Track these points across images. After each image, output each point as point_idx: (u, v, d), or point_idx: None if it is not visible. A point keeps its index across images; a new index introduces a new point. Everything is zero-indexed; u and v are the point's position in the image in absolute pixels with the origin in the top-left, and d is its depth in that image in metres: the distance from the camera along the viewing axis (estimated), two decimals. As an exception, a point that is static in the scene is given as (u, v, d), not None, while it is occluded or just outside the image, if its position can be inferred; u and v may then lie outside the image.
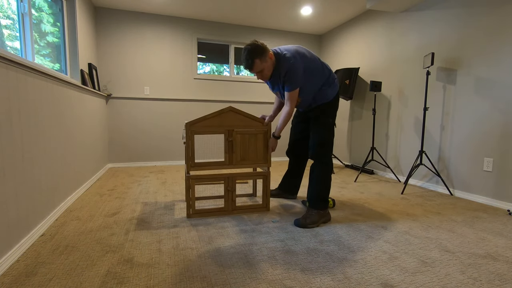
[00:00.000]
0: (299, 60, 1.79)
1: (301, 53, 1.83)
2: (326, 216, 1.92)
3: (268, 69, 1.87)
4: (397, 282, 1.23)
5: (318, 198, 1.90)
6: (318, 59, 1.91)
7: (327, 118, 1.94)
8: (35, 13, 2.18)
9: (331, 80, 1.94)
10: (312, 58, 1.87)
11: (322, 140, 1.92)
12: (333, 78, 1.95)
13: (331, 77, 1.95)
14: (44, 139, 1.81)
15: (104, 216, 1.99)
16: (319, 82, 1.90)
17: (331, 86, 1.93)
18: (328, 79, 1.93)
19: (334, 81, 1.96)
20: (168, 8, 3.78)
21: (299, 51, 1.83)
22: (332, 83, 1.94)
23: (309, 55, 1.87)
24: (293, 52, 1.81)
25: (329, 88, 1.93)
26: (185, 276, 1.26)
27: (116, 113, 3.95)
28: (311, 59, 1.86)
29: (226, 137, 2.01)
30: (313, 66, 1.87)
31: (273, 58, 1.84)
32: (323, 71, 1.91)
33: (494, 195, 2.39)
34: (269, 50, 1.83)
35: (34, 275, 1.25)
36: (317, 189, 1.91)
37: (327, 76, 1.93)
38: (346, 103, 4.28)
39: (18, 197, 1.46)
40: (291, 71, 1.78)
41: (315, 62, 1.88)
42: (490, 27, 2.40)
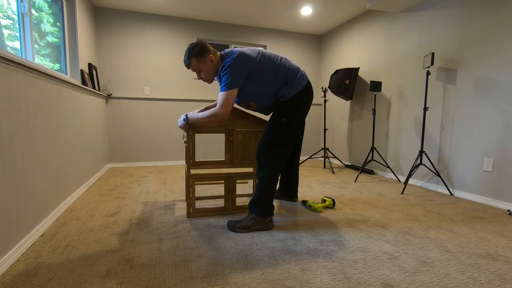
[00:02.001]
0: (241, 59, 1.67)
1: (246, 55, 1.69)
2: (265, 224, 1.77)
3: (207, 71, 1.79)
4: (397, 282, 1.23)
5: (256, 203, 1.76)
6: (274, 61, 1.76)
7: (280, 117, 1.76)
8: (35, 13, 2.18)
9: (296, 82, 1.78)
10: (263, 61, 1.73)
11: (265, 141, 1.76)
12: (298, 80, 1.78)
13: (296, 80, 1.78)
14: (44, 139, 1.81)
15: (104, 216, 1.99)
16: (275, 85, 1.76)
17: (293, 87, 1.77)
18: (289, 81, 1.77)
19: (298, 83, 1.78)
20: (168, 8, 3.78)
21: (244, 52, 1.70)
22: (295, 84, 1.78)
23: (259, 57, 1.73)
24: (237, 52, 1.70)
25: (289, 89, 1.77)
26: (185, 276, 1.26)
27: (116, 113, 3.95)
28: (261, 62, 1.72)
29: (226, 137, 2.01)
30: (263, 69, 1.73)
31: (214, 61, 1.76)
32: (279, 73, 1.75)
33: (494, 195, 2.39)
34: (210, 53, 1.76)
35: (34, 275, 1.25)
36: (257, 194, 1.77)
37: (288, 78, 1.77)
38: (346, 103, 4.28)
39: (18, 197, 1.46)
40: (227, 66, 1.66)
41: (266, 64, 1.73)
42: (490, 27, 2.40)
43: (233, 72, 1.66)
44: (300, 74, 1.83)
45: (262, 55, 1.76)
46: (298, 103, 1.79)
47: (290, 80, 1.78)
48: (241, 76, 1.68)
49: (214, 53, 1.79)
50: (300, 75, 1.82)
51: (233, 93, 1.69)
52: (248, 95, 1.79)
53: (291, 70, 1.80)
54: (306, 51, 4.84)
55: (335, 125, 4.56)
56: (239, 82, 1.68)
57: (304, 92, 1.80)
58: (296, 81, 1.79)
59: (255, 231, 1.76)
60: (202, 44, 1.75)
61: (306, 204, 2.24)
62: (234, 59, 1.66)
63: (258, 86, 1.76)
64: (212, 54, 1.77)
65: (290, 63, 1.84)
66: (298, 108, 1.79)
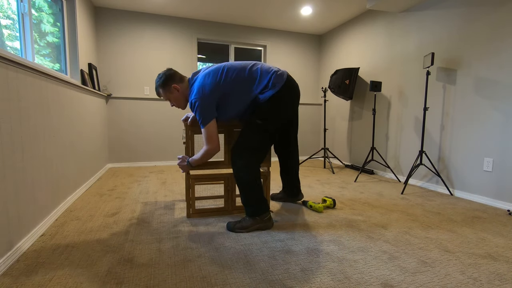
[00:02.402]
0: (203, 94, 1.66)
1: (207, 86, 1.67)
2: (263, 223, 1.77)
3: (175, 100, 1.82)
4: (397, 282, 1.23)
5: (246, 205, 1.76)
6: (242, 74, 1.71)
7: (254, 118, 1.72)
8: (35, 13, 2.18)
9: (269, 87, 1.71)
10: (230, 80, 1.69)
11: (239, 143, 1.73)
12: (272, 83, 1.71)
13: (270, 84, 1.71)
14: (44, 139, 1.81)
15: (104, 216, 1.99)
16: (249, 96, 1.72)
17: (268, 91, 1.71)
18: (263, 88, 1.71)
19: (273, 85, 1.71)
20: (168, 8, 3.78)
21: (205, 83, 1.68)
22: (269, 88, 1.71)
23: (223, 77, 1.69)
24: (197, 85, 1.69)
25: (265, 93, 1.71)
26: (185, 276, 1.26)
27: (116, 113, 3.95)
28: (226, 83, 1.69)
29: (226, 137, 2.01)
30: (232, 88, 1.70)
31: (180, 89, 1.78)
32: (251, 83, 1.71)
33: (494, 195, 2.39)
34: (174, 82, 1.77)
35: (34, 275, 1.25)
36: (241, 196, 1.77)
37: (262, 85, 1.71)
38: (346, 103, 4.28)
39: (18, 197, 1.46)
40: (193, 105, 1.68)
41: (234, 81, 1.70)
42: (490, 27, 2.40)
43: (201, 108, 1.66)
44: (275, 76, 1.73)
45: (227, 73, 1.71)
46: (274, 106, 1.71)
47: (264, 86, 1.72)
48: (210, 108, 1.67)
49: (180, 80, 1.80)
50: (274, 77, 1.72)
51: (212, 126, 1.70)
52: (227, 116, 1.78)
53: (264, 76, 1.73)
54: (306, 51, 4.84)
55: (335, 125, 4.56)
56: (212, 113, 1.69)
57: (280, 95, 1.71)
58: (270, 85, 1.71)
59: (255, 231, 1.76)
60: (166, 75, 1.78)
61: (306, 204, 2.24)
62: (197, 97, 1.66)
63: (233, 106, 1.74)
64: (177, 82, 1.79)
65: (261, 68, 1.76)
66: (275, 110, 1.72)
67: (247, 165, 1.71)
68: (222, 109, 1.75)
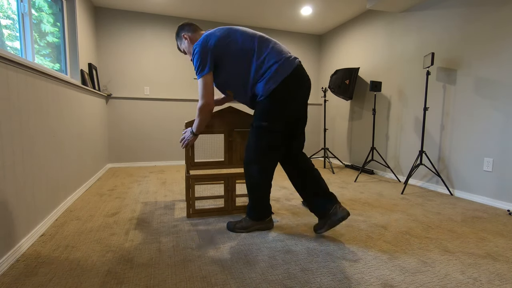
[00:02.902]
0: (205, 42, 1.55)
1: (211, 36, 1.56)
2: (264, 224, 1.74)
3: (187, 50, 1.75)
4: (397, 282, 1.23)
5: (251, 208, 1.72)
6: (248, 43, 1.55)
7: (258, 121, 1.58)
8: (35, 13, 2.18)
9: (272, 74, 1.50)
10: (234, 42, 1.55)
11: (247, 147, 1.66)
12: (278, 71, 1.50)
13: (274, 70, 1.50)
14: (44, 139, 1.81)
15: (104, 216, 1.99)
16: (249, 74, 1.55)
17: (269, 81, 1.51)
18: (265, 73, 1.52)
19: (277, 74, 1.50)
20: (168, 8, 3.78)
21: (210, 33, 1.58)
22: (272, 77, 1.51)
23: (230, 37, 1.55)
24: (205, 34, 1.60)
25: (266, 84, 1.52)
26: (185, 276, 1.26)
27: (116, 113, 3.95)
28: (230, 43, 1.55)
29: (226, 137, 2.01)
30: (232, 51, 1.54)
31: (188, 39, 1.70)
32: (253, 58, 1.53)
33: (494, 195, 2.39)
34: (184, 31, 1.70)
35: (34, 275, 1.25)
36: (249, 199, 1.72)
37: (265, 68, 1.52)
38: (346, 103, 4.28)
39: (18, 197, 1.46)
40: (193, 50, 1.57)
41: (238, 46, 1.55)
42: (490, 27, 2.40)
43: (200, 56, 1.54)
44: (282, 61, 1.51)
45: (235, 34, 1.56)
46: (277, 103, 1.52)
47: (267, 70, 1.52)
48: (206, 59, 1.54)
49: (192, 31, 1.71)
50: (281, 63, 1.51)
51: (207, 79, 1.57)
52: (222, 81, 1.63)
53: (271, 56, 1.53)
54: (306, 51, 4.84)
55: (335, 125, 4.56)
56: (208, 67, 1.55)
57: (284, 87, 1.50)
58: (274, 72, 1.50)
59: (255, 231, 1.76)
60: (179, 26, 1.74)
61: (306, 204, 2.24)
62: (199, 43, 1.55)
63: (229, 72, 1.57)
64: (187, 32, 1.71)
65: (273, 47, 1.56)
66: (278, 109, 1.53)
67: (260, 169, 1.62)
68: (218, 68, 1.60)
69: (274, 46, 1.57)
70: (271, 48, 1.55)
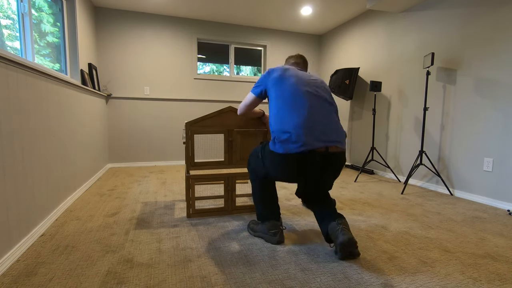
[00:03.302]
0: (270, 72, 1.60)
1: (272, 69, 1.61)
2: (268, 235, 1.61)
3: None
4: (397, 282, 1.23)
5: (254, 204, 1.73)
6: (287, 90, 1.47)
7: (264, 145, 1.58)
8: (35, 13, 2.18)
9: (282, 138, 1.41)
10: (280, 83, 1.51)
11: (253, 152, 1.70)
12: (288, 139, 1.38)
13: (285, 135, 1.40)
14: (44, 139, 1.81)
15: (104, 216, 1.99)
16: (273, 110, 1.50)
17: (275, 142, 1.45)
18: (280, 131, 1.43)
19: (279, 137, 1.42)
20: (168, 8, 3.78)
21: (277, 67, 1.62)
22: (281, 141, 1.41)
23: (282, 77, 1.52)
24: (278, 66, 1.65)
25: (272, 134, 1.48)
26: (185, 276, 1.26)
27: (116, 113, 3.95)
28: (275, 83, 1.53)
29: (226, 137, 2.01)
30: (273, 91, 1.53)
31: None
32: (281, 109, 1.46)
33: (494, 195, 2.39)
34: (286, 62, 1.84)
35: (34, 275, 1.25)
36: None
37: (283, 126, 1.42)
38: (346, 103, 4.28)
39: (18, 197, 1.46)
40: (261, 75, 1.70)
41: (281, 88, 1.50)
42: (490, 27, 2.40)
43: (258, 81, 1.66)
44: (299, 133, 1.36)
45: (288, 77, 1.51)
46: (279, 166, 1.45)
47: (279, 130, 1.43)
48: (259, 85, 1.64)
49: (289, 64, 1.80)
50: (297, 134, 1.36)
51: (250, 97, 1.70)
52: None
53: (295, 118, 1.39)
54: (306, 51, 4.84)
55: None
56: (256, 90, 1.65)
57: (284, 159, 1.41)
58: (284, 140, 1.40)
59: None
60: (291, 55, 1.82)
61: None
62: (268, 70, 1.65)
63: (270, 106, 1.56)
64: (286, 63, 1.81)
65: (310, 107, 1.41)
66: (274, 165, 1.47)
67: (252, 179, 1.70)
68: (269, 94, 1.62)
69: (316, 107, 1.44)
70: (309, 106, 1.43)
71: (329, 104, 1.48)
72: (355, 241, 1.37)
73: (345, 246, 1.36)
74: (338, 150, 1.43)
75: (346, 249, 1.36)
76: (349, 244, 1.36)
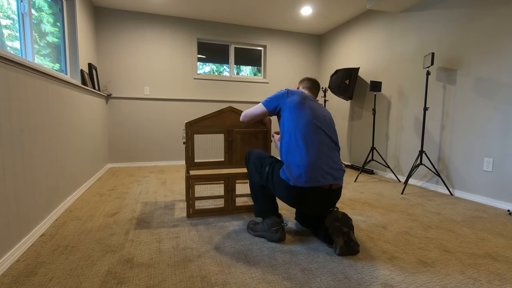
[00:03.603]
0: (282, 92, 1.66)
1: (289, 93, 1.65)
2: (269, 233, 1.64)
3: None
4: (397, 282, 1.23)
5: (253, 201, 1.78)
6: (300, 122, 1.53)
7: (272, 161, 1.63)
8: (35, 13, 2.18)
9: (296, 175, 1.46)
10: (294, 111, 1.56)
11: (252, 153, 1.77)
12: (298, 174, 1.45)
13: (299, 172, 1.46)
14: (44, 139, 1.81)
15: (104, 216, 1.99)
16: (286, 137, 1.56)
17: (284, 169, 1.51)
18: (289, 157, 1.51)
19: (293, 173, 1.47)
20: (168, 8, 3.78)
21: (294, 91, 1.67)
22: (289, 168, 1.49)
23: (298, 105, 1.57)
24: (297, 89, 1.73)
25: (285, 168, 1.51)
26: (185, 276, 1.26)
27: (116, 113, 3.95)
28: (291, 109, 1.58)
29: (226, 137, 2.01)
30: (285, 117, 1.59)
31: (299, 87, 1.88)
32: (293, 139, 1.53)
33: (494, 195, 2.39)
34: (299, 84, 1.87)
35: (34, 275, 1.25)
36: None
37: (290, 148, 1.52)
38: (346, 103, 4.28)
39: (18, 197, 1.46)
40: (277, 92, 1.71)
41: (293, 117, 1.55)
42: (490, 27, 2.40)
43: (274, 95, 1.68)
44: (308, 170, 1.45)
45: (306, 107, 1.57)
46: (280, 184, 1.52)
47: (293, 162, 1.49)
48: (272, 103, 1.68)
49: (304, 88, 1.82)
50: (307, 171, 1.45)
51: (260, 109, 1.74)
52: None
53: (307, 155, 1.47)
54: (306, 51, 4.84)
55: (335, 125, 4.56)
56: (270, 105, 1.69)
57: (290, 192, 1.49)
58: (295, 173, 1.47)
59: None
60: (306, 77, 1.86)
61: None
62: (284, 91, 1.68)
63: (282, 129, 1.61)
64: (301, 86, 1.85)
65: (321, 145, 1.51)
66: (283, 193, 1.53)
67: (251, 178, 1.74)
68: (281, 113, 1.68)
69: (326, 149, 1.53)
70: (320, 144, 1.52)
71: (335, 144, 1.60)
72: (348, 217, 1.54)
73: (340, 220, 1.51)
74: (338, 186, 1.56)
75: (344, 222, 1.51)
76: (343, 218, 1.52)
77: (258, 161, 1.69)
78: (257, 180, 1.69)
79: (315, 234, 1.72)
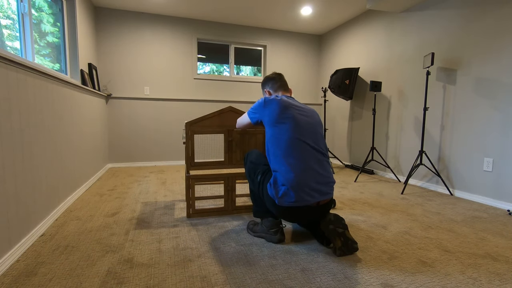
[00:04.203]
0: (263, 101, 1.58)
1: (271, 101, 1.55)
2: (267, 234, 1.63)
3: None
4: (397, 282, 1.23)
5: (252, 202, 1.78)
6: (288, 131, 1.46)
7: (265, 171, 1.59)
8: (35, 13, 2.18)
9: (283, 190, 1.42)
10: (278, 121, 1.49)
11: (251, 154, 1.73)
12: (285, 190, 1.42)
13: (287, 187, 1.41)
14: (44, 139, 1.81)
15: (104, 216, 1.99)
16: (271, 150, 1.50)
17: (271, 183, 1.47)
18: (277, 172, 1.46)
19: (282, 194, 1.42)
20: (168, 8, 3.78)
21: (274, 98, 1.56)
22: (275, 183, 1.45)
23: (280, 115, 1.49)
24: (277, 96, 1.60)
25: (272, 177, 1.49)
26: (185, 276, 1.26)
27: (116, 113, 3.95)
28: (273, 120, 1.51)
29: (226, 137, 2.01)
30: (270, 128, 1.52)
31: (267, 94, 1.79)
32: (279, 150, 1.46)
33: (494, 195, 2.39)
34: (266, 87, 1.77)
35: (34, 275, 1.25)
36: None
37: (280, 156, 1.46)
38: (346, 103, 4.28)
39: (18, 197, 1.46)
40: (257, 102, 1.62)
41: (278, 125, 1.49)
42: (490, 27, 2.40)
43: (256, 106, 1.61)
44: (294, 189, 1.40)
45: (286, 120, 1.48)
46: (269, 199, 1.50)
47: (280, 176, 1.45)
48: (254, 115, 1.62)
49: (274, 89, 1.75)
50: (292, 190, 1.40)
51: (246, 120, 1.72)
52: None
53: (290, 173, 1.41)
54: (306, 51, 4.84)
55: (335, 125, 4.56)
56: (253, 117, 1.64)
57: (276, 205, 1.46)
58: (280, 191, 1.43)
59: None
60: (267, 77, 1.80)
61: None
62: (264, 99, 1.59)
63: (267, 139, 1.56)
64: (269, 89, 1.77)
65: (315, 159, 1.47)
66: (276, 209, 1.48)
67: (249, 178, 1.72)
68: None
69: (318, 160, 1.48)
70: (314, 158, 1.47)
71: (322, 154, 1.52)
72: (340, 217, 1.50)
73: (333, 222, 1.47)
74: (326, 202, 1.52)
75: (337, 223, 1.47)
76: (336, 219, 1.48)
77: (252, 167, 1.66)
78: (251, 184, 1.70)
79: (314, 235, 1.70)
